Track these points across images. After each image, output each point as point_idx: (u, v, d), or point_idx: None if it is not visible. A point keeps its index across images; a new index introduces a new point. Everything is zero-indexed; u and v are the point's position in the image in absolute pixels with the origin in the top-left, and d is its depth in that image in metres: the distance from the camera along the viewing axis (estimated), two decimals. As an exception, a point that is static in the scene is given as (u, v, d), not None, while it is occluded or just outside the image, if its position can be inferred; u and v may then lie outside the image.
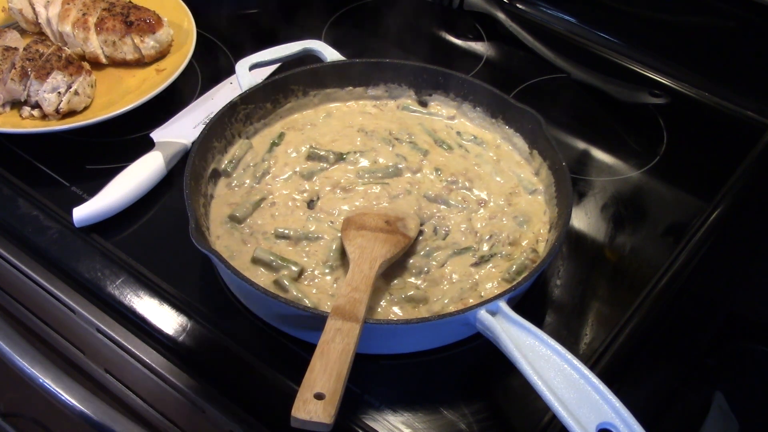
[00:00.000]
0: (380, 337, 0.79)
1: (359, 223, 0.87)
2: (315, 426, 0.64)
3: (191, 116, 1.07)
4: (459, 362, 0.83)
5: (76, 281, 0.89)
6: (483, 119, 1.04)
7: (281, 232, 0.89)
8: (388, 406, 0.78)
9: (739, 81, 1.22)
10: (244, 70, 1.01)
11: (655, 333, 0.89)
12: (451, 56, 1.27)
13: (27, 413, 1.26)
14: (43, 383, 0.89)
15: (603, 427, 0.67)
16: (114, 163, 0.99)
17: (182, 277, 0.89)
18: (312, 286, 0.84)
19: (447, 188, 0.96)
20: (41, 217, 0.94)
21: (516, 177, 0.98)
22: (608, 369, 0.83)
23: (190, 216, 0.82)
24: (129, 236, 0.93)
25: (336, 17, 1.32)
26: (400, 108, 1.07)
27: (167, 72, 1.10)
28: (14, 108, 1.05)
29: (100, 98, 1.08)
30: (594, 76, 1.20)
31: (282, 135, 1.02)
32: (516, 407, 0.80)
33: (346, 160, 0.99)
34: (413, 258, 0.88)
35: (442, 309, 0.82)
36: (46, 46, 1.06)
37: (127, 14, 1.11)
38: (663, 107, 1.16)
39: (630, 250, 0.97)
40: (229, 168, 0.96)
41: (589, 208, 1.02)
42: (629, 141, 1.14)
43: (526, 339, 0.73)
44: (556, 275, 0.92)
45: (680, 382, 0.88)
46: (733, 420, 0.86)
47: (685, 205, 1.05)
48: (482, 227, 0.92)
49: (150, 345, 0.84)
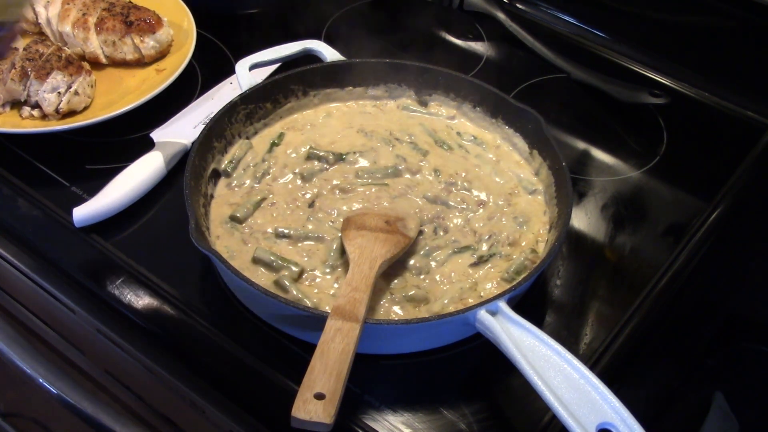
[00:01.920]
0: (380, 337, 0.79)
1: (359, 223, 0.87)
2: (315, 426, 0.64)
3: (191, 116, 1.07)
4: (459, 362, 0.83)
5: (76, 281, 0.89)
6: (483, 119, 1.04)
7: (281, 232, 0.89)
8: (388, 406, 0.78)
9: (739, 81, 1.22)
10: (244, 70, 1.01)
11: (655, 333, 0.89)
12: (451, 56, 1.27)
13: (27, 413, 1.26)
14: (43, 383, 0.89)
15: (603, 427, 0.67)
16: (114, 163, 0.99)
17: (182, 277, 0.89)
18: (313, 285, 0.84)
19: (446, 189, 0.96)
20: (41, 217, 0.94)
21: (516, 177, 0.98)
22: (608, 369, 0.83)
23: (190, 216, 0.82)
24: (129, 236, 0.93)
25: (336, 17, 1.32)
26: (400, 108, 1.07)
27: (167, 72, 1.10)
28: (14, 108, 1.05)
29: (100, 98, 1.08)
30: (594, 76, 1.20)
31: (282, 135, 1.02)
32: (516, 407, 0.80)
33: (345, 160, 0.99)
34: (413, 258, 0.88)
35: (442, 309, 0.82)
36: (46, 46, 1.06)
37: (127, 14, 1.11)
38: (663, 107, 1.16)
39: (630, 250, 0.97)
40: (229, 168, 0.96)
41: (589, 208, 1.02)
42: (629, 141, 1.14)
43: (526, 339, 0.73)
44: (556, 275, 0.92)
45: (680, 382, 0.88)
46: (733, 420, 0.86)
47: (685, 205, 1.05)
48: (481, 227, 0.92)
49: (150, 345, 0.84)
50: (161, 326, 0.84)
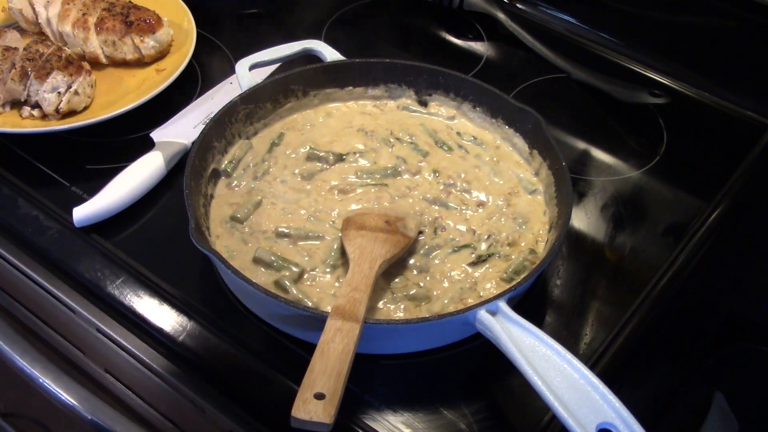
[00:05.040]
0: (380, 337, 0.79)
1: (359, 223, 0.87)
2: (315, 426, 0.64)
3: (191, 116, 1.07)
4: (459, 362, 0.83)
5: (76, 281, 0.89)
6: (483, 119, 1.04)
7: (282, 232, 0.89)
8: (388, 406, 0.78)
9: (739, 81, 1.22)
10: (244, 70, 1.01)
11: (655, 333, 0.89)
12: (451, 56, 1.27)
13: (27, 413, 1.26)
14: (43, 383, 0.89)
15: (603, 427, 0.67)
16: (114, 163, 0.99)
17: (182, 277, 0.89)
18: (313, 285, 0.84)
19: (445, 191, 0.96)
20: (41, 217, 0.94)
21: (516, 177, 0.98)
22: (608, 369, 0.83)
23: (190, 216, 0.82)
24: (129, 236, 0.93)
25: (336, 17, 1.32)
26: (400, 108, 1.07)
27: (167, 72, 1.10)
28: (14, 108, 1.05)
29: (100, 98, 1.08)
30: (594, 76, 1.20)
31: (282, 135, 1.02)
32: (516, 407, 0.80)
33: (345, 160, 0.99)
34: (414, 257, 0.88)
35: (442, 309, 0.82)
36: (46, 46, 1.06)
37: (127, 14, 1.11)
38: (663, 107, 1.16)
39: (630, 250, 0.97)
40: (229, 168, 0.96)
41: (589, 208, 1.02)
42: (629, 141, 1.14)
43: (526, 339, 0.73)
44: (556, 275, 0.92)
45: (680, 382, 0.88)
46: (733, 420, 0.86)
47: (685, 205, 1.05)
48: (480, 227, 0.92)
49: (150, 345, 0.84)
50: (161, 326, 0.84)
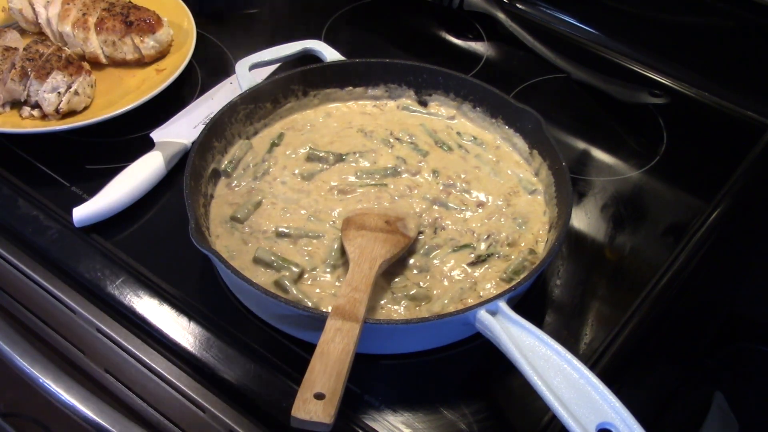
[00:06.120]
0: (380, 337, 0.79)
1: (359, 223, 0.87)
2: (315, 426, 0.64)
3: (191, 116, 1.07)
4: (459, 362, 0.83)
5: (76, 281, 0.89)
6: (483, 119, 1.04)
7: (282, 232, 0.89)
8: (388, 406, 0.78)
9: (739, 81, 1.22)
10: (244, 70, 1.01)
11: (655, 333, 0.89)
12: (451, 56, 1.27)
13: (27, 413, 1.26)
14: (43, 383, 0.89)
15: (603, 427, 0.67)
16: (114, 163, 0.99)
17: (182, 277, 0.89)
18: (314, 285, 0.84)
19: (445, 191, 0.96)
20: (41, 217, 0.94)
21: (516, 177, 0.98)
22: (608, 369, 0.83)
23: (190, 216, 0.82)
24: (129, 236, 0.93)
25: (336, 17, 1.32)
26: (400, 108, 1.07)
27: (167, 72, 1.10)
28: (14, 108, 1.05)
29: (100, 98, 1.08)
30: (594, 76, 1.20)
31: (282, 135, 1.02)
32: (516, 407, 0.80)
33: (345, 160, 0.99)
34: (414, 257, 0.88)
35: (442, 309, 0.82)
36: (46, 46, 1.06)
37: (127, 14, 1.11)
38: (663, 107, 1.16)
39: (630, 250, 0.97)
40: (229, 168, 0.96)
41: (589, 208, 1.02)
42: (629, 141, 1.14)
43: (526, 339, 0.73)
44: (556, 275, 0.92)
45: (680, 382, 0.88)
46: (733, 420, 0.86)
47: (685, 205, 1.05)
48: (480, 227, 0.92)
49: (150, 345, 0.84)
50: (161, 326, 0.84)
